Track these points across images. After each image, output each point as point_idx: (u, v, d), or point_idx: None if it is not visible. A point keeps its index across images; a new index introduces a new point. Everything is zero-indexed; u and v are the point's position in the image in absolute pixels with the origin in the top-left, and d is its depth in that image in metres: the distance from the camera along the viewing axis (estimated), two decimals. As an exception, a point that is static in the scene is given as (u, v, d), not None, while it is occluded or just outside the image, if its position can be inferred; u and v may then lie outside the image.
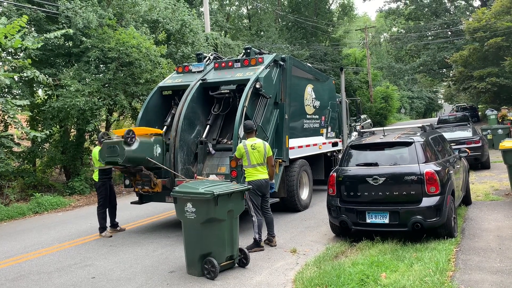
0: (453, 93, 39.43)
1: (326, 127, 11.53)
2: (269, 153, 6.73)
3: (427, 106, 67.43)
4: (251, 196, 6.45)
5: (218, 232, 5.42)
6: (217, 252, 5.44)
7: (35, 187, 13.29)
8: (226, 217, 5.44)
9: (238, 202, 5.67)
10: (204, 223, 5.35)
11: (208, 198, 5.25)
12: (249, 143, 6.59)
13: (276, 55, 9.11)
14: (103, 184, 8.17)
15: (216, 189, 5.38)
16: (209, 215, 5.32)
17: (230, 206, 5.49)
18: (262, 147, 6.58)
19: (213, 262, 5.31)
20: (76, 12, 12.93)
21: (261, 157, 6.54)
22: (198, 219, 5.36)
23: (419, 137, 6.65)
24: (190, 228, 5.49)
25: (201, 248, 5.42)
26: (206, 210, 5.30)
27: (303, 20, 40.20)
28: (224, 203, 5.39)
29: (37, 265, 6.54)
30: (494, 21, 24.80)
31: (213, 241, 5.40)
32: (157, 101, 8.98)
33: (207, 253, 5.40)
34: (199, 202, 5.34)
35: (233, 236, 5.59)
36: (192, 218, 5.41)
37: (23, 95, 12.45)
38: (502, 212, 7.69)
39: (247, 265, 5.76)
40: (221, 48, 21.22)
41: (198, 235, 5.40)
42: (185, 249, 5.63)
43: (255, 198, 6.51)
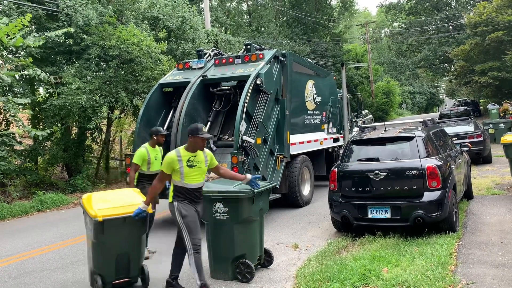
0: (454, 88, 39.40)
1: (327, 123, 11.53)
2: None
3: (428, 101, 67.27)
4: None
5: (251, 232, 5.19)
6: (250, 253, 5.20)
7: (38, 185, 13.33)
8: (258, 216, 5.25)
9: (266, 200, 5.51)
10: (239, 223, 5.06)
11: (247, 197, 5.00)
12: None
13: (277, 51, 9.10)
14: (143, 189, 6.21)
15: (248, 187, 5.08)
16: (246, 214, 5.05)
17: (260, 205, 5.29)
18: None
19: (248, 264, 5.06)
20: (76, 9, 12.91)
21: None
22: (232, 219, 5.05)
23: (420, 132, 6.64)
24: (220, 230, 5.15)
25: (234, 250, 5.09)
26: (242, 210, 5.03)
27: (303, 15, 40.09)
28: (257, 202, 5.17)
29: (40, 262, 6.57)
30: (496, 15, 24.68)
31: (247, 242, 5.15)
32: (158, 98, 8.98)
33: (240, 255, 5.10)
34: (234, 202, 5.04)
35: (262, 236, 5.44)
36: (223, 218, 5.09)
37: (24, 93, 12.48)
38: (504, 206, 7.68)
39: (270, 265, 5.55)
40: (221, 44, 21.19)
41: (231, 236, 5.07)
42: (212, 253, 5.29)
43: None
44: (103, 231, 4.64)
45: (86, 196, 5.01)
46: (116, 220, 4.67)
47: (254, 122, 7.87)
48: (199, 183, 4.72)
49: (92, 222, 4.64)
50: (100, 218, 4.57)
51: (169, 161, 4.57)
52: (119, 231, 4.73)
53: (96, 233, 4.67)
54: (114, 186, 14.65)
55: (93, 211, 4.67)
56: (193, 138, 4.63)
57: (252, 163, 7.65)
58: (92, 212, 4.65)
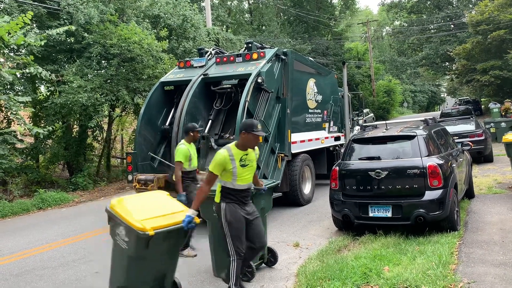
0: (456, 87, 39.29)
1: (328, 121, 11.52)
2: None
3: (429, 99, 67.14)
4: None
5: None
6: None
7: (39, 183, 13.35)
8: (259, 214, 5.02)
9: (268, 199, 5.43)
10: None
11: None
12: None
13: (278, 49, 9.09)
14: (187, 187, 6.31)
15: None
16: None
17: (262, 204, 5.21)
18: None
19: (249, 264, 4.93)
20: (77, 8, 12.91)
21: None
22: None
23: (421, 131, 6.63)
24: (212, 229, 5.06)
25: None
26: None
27: (305, 14, 40.03)
28: (258, 200, 5.09)
29: (41, 260, 6.58)
30: (497, 13, 24.62)
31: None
32: (159, 97, 8.97)
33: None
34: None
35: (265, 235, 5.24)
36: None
37: (26, 91, 12.48)
38: (505, 205, 7.68)
39: (274, 265, 5.50)
40: (222, 42, 21.17)
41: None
42: (214, 252, 5.19)
43: None
44: (148, 245, 3.93)
45: (116, 203, 4.21)
46: (163, 232, 3.98)
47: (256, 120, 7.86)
48: (249, 183, 4.42)
49: (135, 234, 3.91)
50: (151, 232, 3.85)
51: (221, 161, 4.18)
52: (163, 243, 4.10)
53: (138, 248, 3.96)
54: (116, 185, 14.67)
55: (137, 222, 3.93)
56: (246, 135, 4.25)
57: (253, 162, 7.64)
58: (137, 224, 3.91)
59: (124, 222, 4.01)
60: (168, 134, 8.53)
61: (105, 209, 4.29)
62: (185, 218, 4.03)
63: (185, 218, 4.03)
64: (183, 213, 4.13)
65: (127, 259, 4.13)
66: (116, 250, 4.28)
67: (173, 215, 4.17)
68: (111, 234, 4.31)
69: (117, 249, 4.26)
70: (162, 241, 4.02)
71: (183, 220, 4.03)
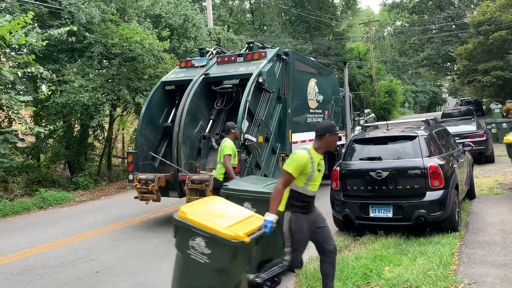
0: (457, 87, 39.26)
1: (329, 122, 11.51)
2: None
3: (431, 100, 67.09)
4: None
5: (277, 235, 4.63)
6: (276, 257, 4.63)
7: (40, 182, 13.36)
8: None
9: None
10: None
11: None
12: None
13: (279, 49, 9.09)
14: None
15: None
16: None
17: None
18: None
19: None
20: (79, 7, 12.92)
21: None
22: None
23: (422, 131, 6.62)
24: None
25: (261, 254, 4.42)
26: None
27: (306, 14, 40.02)
28: None
29: (42, 259, 6.59)
30: (499, 14, 24.59)
31: (273, 245, 4.66)
32: (160, 96, 8.98)
33: (267, 259, 4.46)
34: (263, 203, 4.52)
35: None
36: None
37: (27, 90, 12.49)
38: (506, 206, 7.66)
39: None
40: (224, 42, 21.19)
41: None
42: None
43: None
44: (236, 255, 3.53)
45: (188, 211, 3.73)
46: (253, 239, 3.66)
47: (256, 120, 7.87)
48: (316, 191, 4.12)
49: (223, 244, 3.50)
50: (247, 239, 3.51)
51: (302, 163, 3.88)
52: (246, 252, 3.68)
53: (226, 259, 3.55)
54: (116, 184, 14.68)
55: (226, 229, 3.53)
56: (331, 137, 4.02)
57: (254, 162, 7.66)
58: (227, 232, 3.51)
59: (207, 232, 3.53)
60: (170, 132, 8.51)
61: (173, 220, 3.75)
62: (266, 223, 3.75)
63: (266, 223, 3.75)
64: (256, 218, 3.88)
65: (208, 275, 3.60)
66: (188, 266, 3.70)
67: (249, 220, 3.87)
68: (179, 247, 3.76)
69: (190, 264, 3.67)
70: (248, 249, 3.64)
71: (264, 225, 3.74)
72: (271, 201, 3.87)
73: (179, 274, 3.82)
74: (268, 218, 3.77)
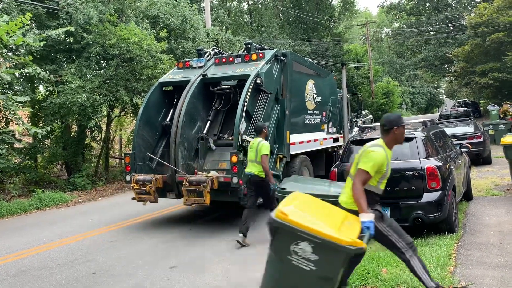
0: (454, 89, 39.37)
1: (327, 123, 11.52)
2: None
3: (428, 101, 67.25)
4: None
5: None
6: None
7: (37, 183, 13.33)
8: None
9: None
10: None
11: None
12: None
13: (277, 50, 9.09)
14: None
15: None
16: None
17: None
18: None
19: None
20: (76, 8, 12.90)
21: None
22: None
23: (420, 133, 6.63)
24: None
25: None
26: None
27: (304, 15, 40.06)
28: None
29: (38, 260, 6.56)
30: (496, 16, 24.67)
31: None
32: (157, 97, 8.96)
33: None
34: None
35: None
36: None
37: (24, 91, 12.45)
38: (503, 207, 7.68)
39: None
40: (222, 43, 21.19)
41: None
42: None
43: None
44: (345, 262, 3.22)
45: (290, 212, 3.28)
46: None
47: (254, 121, 7.86)
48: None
49: (337, 250, 3.15)
50: (365, 245, 3.22)
51: (380, 161, 3.74)
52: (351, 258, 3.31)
53: (337, 267, 3.22)
54: (114, 185, 14.65)
55: (340, 234, 3.19)
56: (398, 130, 3.85)
57: (251, 163, 7.64)
58: (343, 238, 3.15)
59: (317, 237, 3.15)
60: (168, 130, 8.47)
61: (271, 220, 3.33)
62: (368, 225, 3.49)
63: (368, 225, 3.49)
64: (350, 216, 3.62)
65: (312, 283, 3.27)
66: (289, 273, 3.33)
67: (348, 222, 3.53)
68: (277, 252, 3.38)
69: (291, 271, 3.30)
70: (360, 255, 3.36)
71: (366, 227, 3.48)
72: (358, 202, 3.63)
73: (275, 280, 3.46)
74: (367, 219, 3.51)
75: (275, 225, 3.31)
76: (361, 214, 3.56)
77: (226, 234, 7.39)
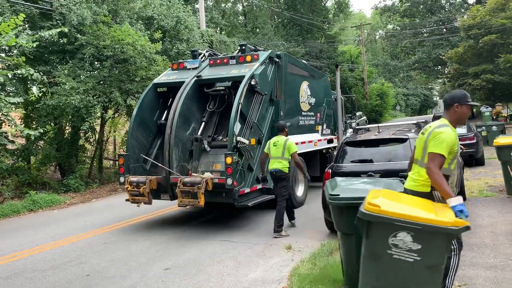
0: (448, 90, 39.51)
1: (321, 124, 11.55)
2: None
3: (422, 103, 67.65)
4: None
5: None
6: None
7: (30, 184, 13.23)
8: None
9: None
10: None
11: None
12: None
13: (272, 52, 9.11)
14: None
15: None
16: None
17: None
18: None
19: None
20: (70, 8, 12.84)
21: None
22: None
23: (413, 134, 6.67)
24: None
25: None
26: None
27: (298, 17, 40.15)
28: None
29: (31, 263, 6.52)
30: (489, 18, 24.85)
31: None
32: (152, 98, 8.94)
33: None
34: None
35: None
36: None
37: (17, 92, 12.37)
38: (496, 208, 7.73)
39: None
40: (216, 45, 21.19)
41: None
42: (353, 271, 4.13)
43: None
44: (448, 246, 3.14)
45: (379, 202, 3.13)
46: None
47: (249, 123, 7.87)
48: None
49: (441, 234, 3.00)
50: (468, 223, 3.07)
51: (452, 141, 3.52)
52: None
53: (442, 252, 3.09)
54: (108, 187, 14.59)
55: (441, 216, 3.03)
56: (460, 108, 3.65)
57: (246, 164, 7.65)
58: (444, 219, 3.00)
59: (417, 223, 2.98)
60: (164, 129, 8.44)
61: (362, 214, 3.14)
62: (460, 208, 3.28)
63: (460, 208, 3.28)
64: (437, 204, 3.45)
65: (419, 275, 3.08)
66: (392, 269, 3.13)
67: (438, 208, 3.31)
68: (375, 248, 3.16)
69: (393, 266, 3.11)
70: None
71: (458, 210, 3.25)
72: (441, 187, 3.42)
73: (376, 277, 3.23)
74: (457, 203, 3.30)
75: (367, 218, 3.11)
76: (448, 199, 3.35)
77: (221, 235, 7.38)
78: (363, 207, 3.17)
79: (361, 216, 3.15)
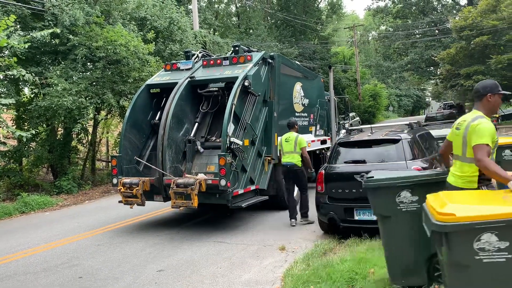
0: (440, 91, 39.86)
1: (314, 125, 11.57)
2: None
3: (414, 104, 68.01)
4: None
5: None
6: None
7: (22, 186, 13.13)
8: None
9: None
10: None
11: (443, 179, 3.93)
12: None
13: (265, 53, 9.12)
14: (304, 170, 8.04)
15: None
16: None
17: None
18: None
19: None
20: (62, 9, 12.76)
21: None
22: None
23: (406, 135, 6.70)
24: (409, 224, 4.08)
25: (429, 248, 3.96)
26: None
27: (292, 18, 40.22)
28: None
29: (23, 265, 6.46)
30: (480, 19, 25.09)
31: None
32: (145, 99, 8.91)
33: (435, 253, 3.75)
34: (426, 188, 3.89)
35: None
36: (413, 209, 4.06)
37: (9, 93, 12.27)
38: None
39: None
40: (209, 45, 21.16)
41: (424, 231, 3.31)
42: (394, 254, 4.22)
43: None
44: None
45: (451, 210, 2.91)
46: None
47: (242, 123, 7.87)
48: None
49: None
50: None
51: (493, 130, 3.49)
52: None
53: None
54: (100, 188, 14.51)
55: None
56: (493, 98, 3.60)
57: (239, 165, 7.64)
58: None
59: (497, 221, 2.79)
60: (157, 129, 8.41)
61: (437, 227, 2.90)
62: None
63: None
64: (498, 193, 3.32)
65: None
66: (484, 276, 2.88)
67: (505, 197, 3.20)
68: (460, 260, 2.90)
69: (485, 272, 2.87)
70: None
71: None
72: (497, 174, 3.34)
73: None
74: None
75: (447, 230, 2.87)
76: (510, 182, 3.23)
77: (214, 236, 7.37)
78: (435, 219, 2.94)
79: (438, 229, 2.91)
